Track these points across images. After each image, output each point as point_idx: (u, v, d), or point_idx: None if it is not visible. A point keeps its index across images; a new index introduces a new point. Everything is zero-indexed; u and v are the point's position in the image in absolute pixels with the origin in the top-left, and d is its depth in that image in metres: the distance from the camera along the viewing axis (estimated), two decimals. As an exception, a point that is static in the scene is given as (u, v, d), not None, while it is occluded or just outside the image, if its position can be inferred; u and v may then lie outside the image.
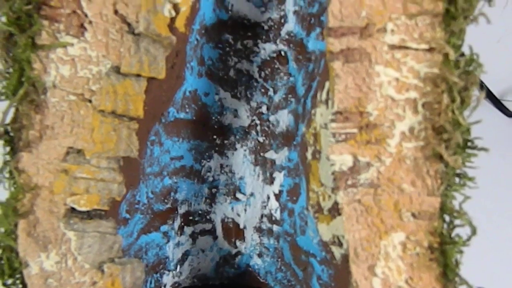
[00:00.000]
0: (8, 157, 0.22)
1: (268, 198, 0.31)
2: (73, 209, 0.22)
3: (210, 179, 0.31)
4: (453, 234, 0.22)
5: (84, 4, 0.21)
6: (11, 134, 0.22)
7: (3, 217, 0.22)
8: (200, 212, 0.32)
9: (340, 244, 0.23)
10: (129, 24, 0.22)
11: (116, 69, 0.22)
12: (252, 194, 0.31)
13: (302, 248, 0.27)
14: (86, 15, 0.22)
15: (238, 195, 0.31)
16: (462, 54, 0.21)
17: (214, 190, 0.32)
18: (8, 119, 0.22)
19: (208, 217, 0.32)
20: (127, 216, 0.26)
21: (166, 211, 0.30)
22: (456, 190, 0.22)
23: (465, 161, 0.22)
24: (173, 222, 0.31)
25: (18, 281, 0.22)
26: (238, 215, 0.32)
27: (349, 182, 0.21)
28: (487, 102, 0.58)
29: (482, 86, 0.56)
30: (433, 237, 0.21)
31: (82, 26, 0.22)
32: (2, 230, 0.22)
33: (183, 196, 0.30)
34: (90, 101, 0.22)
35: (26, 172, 0.22)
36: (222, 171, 0.31)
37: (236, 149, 0.31)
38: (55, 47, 0.22)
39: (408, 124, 0.21)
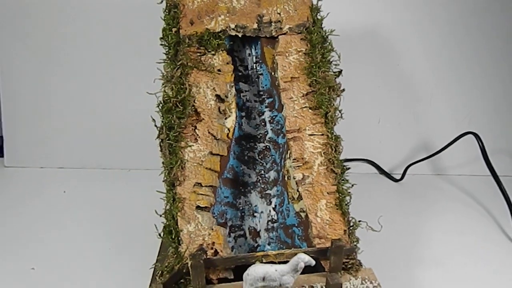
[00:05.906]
0: (167, 190, 0.56)
1: (270, 211, 0.64)
2: (198, 206, 0.55)
3: (241, 208, 0.65)
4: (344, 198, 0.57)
5: (197, 131, 0.58)
6: (170, 180, 0.56)
7: (170, 212, 0.54)
8: (237, 225, 0.64)
9: (303, 211, 0.57)
10: (214, 136, 0.58)
11: (210, 152, 0.58)
12: (262, 212, 0.65)
13: (289, 224, 0.60)
14: (197, 135, 0.58)
15: (255, 214, 0.64)
16: (334, 134, 0.59)
17: (242, 214, 0.65)
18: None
19: (241, 227, 0.64)
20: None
21: (222, 224, 0.62)
22: (343, 185, 0.58)
23: (343, 172, 0.58)
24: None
25: (177, 238, 0.54)
26: (256, 224, 0.64)
27: (302, 183, 0.57)
28: (382, 175, 0.98)
29: (373, 163, 0.96)
30: (336, 199, 0.56)
31: (196, 139, 0.58)
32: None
33: (229, 217, 0.63)
34: (201, 164, 0.57)
35: (179, 193, 0.55)
36: (246, 204, 0.65)
37: (251, 192, 0.66)
38: (187, 147, 0.57)
39: (320, 160, 0.58)
